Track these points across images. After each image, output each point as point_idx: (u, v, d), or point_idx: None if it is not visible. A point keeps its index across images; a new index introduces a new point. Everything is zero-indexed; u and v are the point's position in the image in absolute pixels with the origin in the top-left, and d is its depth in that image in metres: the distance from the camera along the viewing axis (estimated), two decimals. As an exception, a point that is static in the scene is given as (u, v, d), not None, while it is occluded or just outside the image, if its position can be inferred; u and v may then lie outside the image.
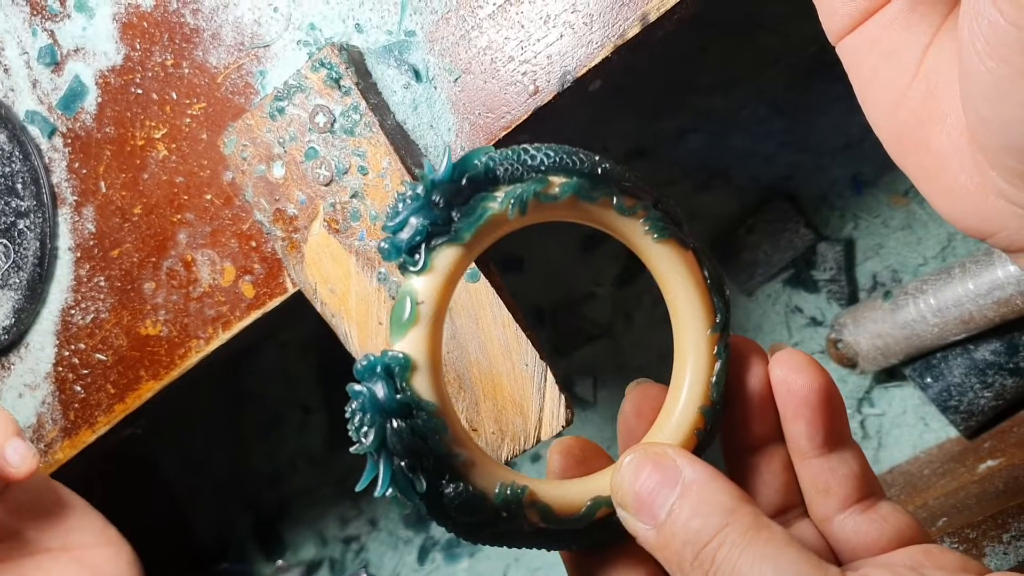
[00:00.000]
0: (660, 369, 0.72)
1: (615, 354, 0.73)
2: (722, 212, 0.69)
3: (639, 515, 0.29)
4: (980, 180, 0.33)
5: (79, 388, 0.56)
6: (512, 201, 0.29)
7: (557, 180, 0.30)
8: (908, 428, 0.66)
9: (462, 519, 0.30)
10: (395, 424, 0.28)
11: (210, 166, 0.51)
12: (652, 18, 0.42)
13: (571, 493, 0.31)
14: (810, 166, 0.66)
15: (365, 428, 0.28)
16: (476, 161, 0.30)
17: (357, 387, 0.28)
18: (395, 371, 0.28)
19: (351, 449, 0.28)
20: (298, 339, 0.81)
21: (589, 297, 0.73)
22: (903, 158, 0.37)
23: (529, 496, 0.30)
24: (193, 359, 0.53)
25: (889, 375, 0.66)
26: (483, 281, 0.44)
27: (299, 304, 0.50)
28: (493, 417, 0.45)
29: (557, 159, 0.30)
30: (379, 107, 0.45)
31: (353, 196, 0.45)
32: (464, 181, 0.29)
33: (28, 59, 0.54)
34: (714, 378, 0.33)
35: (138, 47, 0.52)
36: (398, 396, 0.28)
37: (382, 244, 0.29)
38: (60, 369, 0.57)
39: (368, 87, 0.45)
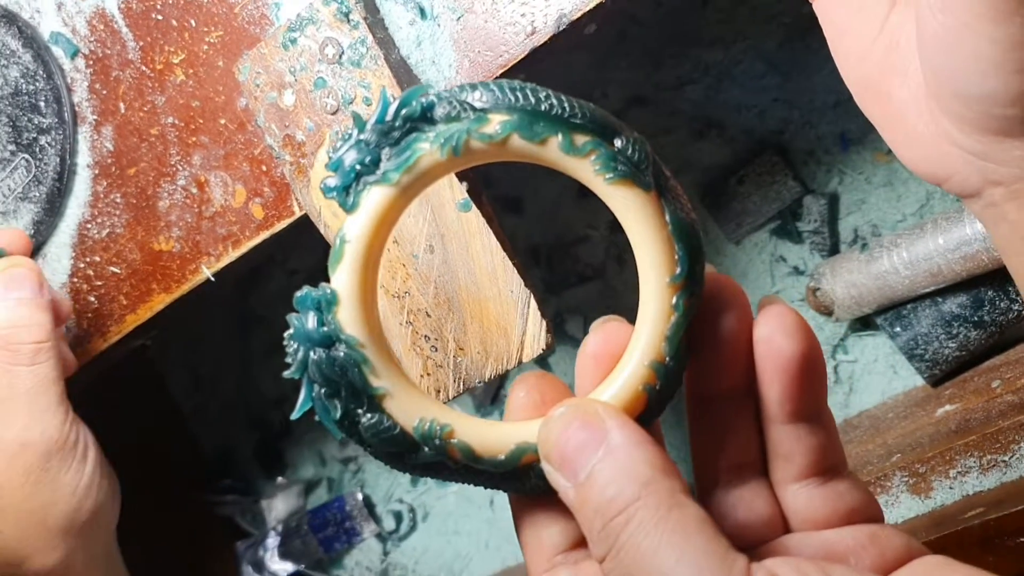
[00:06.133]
0: (648, 311, 0.75)
1: (605, 295, 0.76)
2: (715, 162, 0.71)
3: (561, 470, 0.28)
4: (935, 129, 0.36)
5: (93, 299, 0.59)
6: (443, 141, 0.28)
7: (497, 118, 0.28)
8: (878, 376, 0.68)
9: (380, 448, 0.30)
10: (316, 354, 0.29)
11: (225, 92, 0.54)
12: (644, -33, 0.44)
13: (497, 435, 0.31)
14: (801, 121, 0.68)
15: (293, 355, 0.30)
16: (413, 101, 0.29)
17: (293, 316, 0.30)
18: (322, 305, 0.29)
19: (284, 373, 0.30)
20: (306, 267, 0.84)
21: (583, 240, 0.76)
22: (868, 107, 0.39)
23: (449, 434, 0.30)
24: (203, 275, 0.57)
25: (863, 324, 0.69)
26: (474, 211, 0.47)
27: (307, 231, 0.53)
28: (479, 338, 0.48)
29: (500, 96, 0.28)
30: (385, 41, 0.48)
31: (357, 125, 0.48)
32: (398, 121, 0.29)
33: (55, -18, 0.57)
34: (668, 332, 0.30)
35: (160, -25, 0.55)
36: (324, 328, 0.29)
37: (323, 182, 0.30)
38: (75, 280, 0.60)
39: (375, 22, 0.48)
